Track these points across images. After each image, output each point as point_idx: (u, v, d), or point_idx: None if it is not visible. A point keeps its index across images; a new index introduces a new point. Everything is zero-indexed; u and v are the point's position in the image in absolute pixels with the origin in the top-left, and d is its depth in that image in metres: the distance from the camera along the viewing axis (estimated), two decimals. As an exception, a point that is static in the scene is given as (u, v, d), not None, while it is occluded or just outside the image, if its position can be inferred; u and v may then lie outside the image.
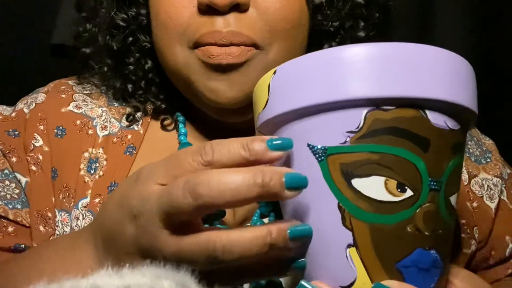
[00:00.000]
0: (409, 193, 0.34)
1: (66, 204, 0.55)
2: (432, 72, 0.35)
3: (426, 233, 0.34)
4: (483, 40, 0.95)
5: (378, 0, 0.62)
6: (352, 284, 0.35)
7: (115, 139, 0.59)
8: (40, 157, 0.57)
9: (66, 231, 0.54)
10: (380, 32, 0.62)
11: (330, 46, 0.60)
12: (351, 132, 0.35)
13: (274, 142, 0.35)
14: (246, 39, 0.51)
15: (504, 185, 0.64)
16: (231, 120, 0.59)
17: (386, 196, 0.34)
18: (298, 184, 0.34)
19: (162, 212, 0.34)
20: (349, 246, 0.35)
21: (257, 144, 0.34)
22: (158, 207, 0.34)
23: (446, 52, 0.36)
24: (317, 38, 0.59)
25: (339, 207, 0.35)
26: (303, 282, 0.35)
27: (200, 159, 0.35)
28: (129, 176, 0.39)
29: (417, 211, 0.34)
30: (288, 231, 0.34)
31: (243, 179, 0.33)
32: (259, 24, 0.52)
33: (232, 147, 0.35)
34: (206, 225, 0.53)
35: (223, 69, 0.52)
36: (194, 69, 0.53)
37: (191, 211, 0.33)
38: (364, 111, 0.34)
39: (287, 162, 0.37)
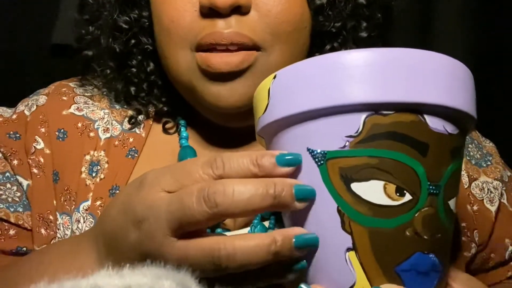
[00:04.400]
0: (408, 197, 0.34)
1: (67, 207, 0.56)
2: (430, 77, 0.35)
3: (425, 237, 0.35)
4: (483, 41, 0.95)
5: (380, 0, 0.62)
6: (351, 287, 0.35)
7: (116, 142, 0.59)
8: (42, 160, 0.57)
9: (67, 234, 0.54)
10: (382, 32, 0.62)
11: (332, 47, 0.60)
12: (350, 136, 0.35)
13: (283, 158, 0.35)
14: (247, 40, 0.51)
15: (504, 188, 0.64)
16: (232, 125, 0.59)
17: (385, 200, 0.34)
18: (307, 196, 0.35)
19: (172, 219, 0.34)
20: (348, 250, 0.35)
21: (266, 160, 0.35)
22: (168, 214, 0.34)
23: (444, 57, 0.36)
24: (319, 39, 0.59)
25: (339, 211, 0.35)
26: (302, 286, 0.36)
27: (211, 172, 0.35)
28: (132, 182, 0.39)
29: (416, 215, 0.34)
30: (294, 240, 0.35)
31: (256, 189, 0.34)
32: (261, 27, 0.52)
33: (242, 162, 0.35)
34: (208, 230, 0.54)
35: (225, 77, 0.52)
36: (197, 75, 0.53)
37: (205, 219, 0.34)
38: (363, 115, 0.35)
39: None
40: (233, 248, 0.34)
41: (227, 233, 0.55)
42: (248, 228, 0.56)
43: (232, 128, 0.60)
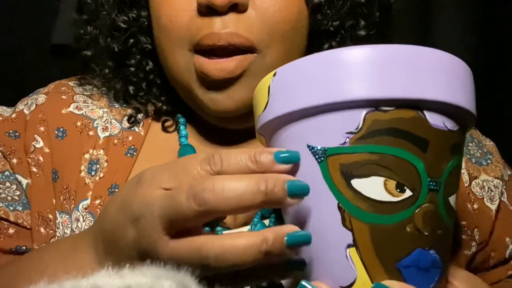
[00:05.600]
0: (408, 193, 0.34)
1: (66, 206, 0.55)
2: (430, 73, 0.35)
3: (426, 233, 0.35)
4: (483, 39, 0.95)
5: None
6: (352, 284, 0.35)
7: (115, 141, 0.59)
8: (41, 158, 0.57)
9: (67, 233, 0.54)
10: (381, 30, 0.62)
11: (330, 45, 0.60)
12: (350, 133, 0.35)
13: (281, 155, 0.35)
14: (244, 40, 0.52)
15: (504, 187, 0.64)
16: (231, 127, 0.59)
17: (385, 196, 0.34)
18: (300, 192, 0.34)
19: (164, 217, 0.34)
20: (349, 246, 0.35)
21: (265, 157, 0.35)
22: (160, 211, 0.34)
23: (444, 54, 0.36)
24: (317, 38, 0.59)
25: (339, 208, 0.35)
26: (303, 282, 0.35)
27: (209, 168, 0.35)
28: (130, 179, 0.39)
29: (416, 211, 0.34)
30: (286, 238, 0.34)
31: (247, 186, 0.33)
32: (258, 26, 0.52)
33: (240, 159, 0.35)
34: (207, 228, 0.54)
35: (220, 84, 0.53)
36: (195, 77, 0.54)
37: (194, 217, 0.33)
38: (363, 112, 0.35)
39: None
40: (222, 247, 0.33)
41: (226, 232, 0.55)
42: (248, 227, 0.56)
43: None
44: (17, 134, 0.59)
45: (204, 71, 0.52)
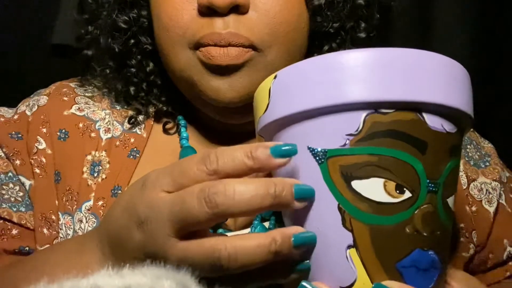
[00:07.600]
0: (407, 194, 0.35)
1: (69, 207, 0.56)
2: (429, 76, 0.35)
3: (425, 234, 0.35)
4: (483, 42, 0.95)
5: (379, 0, 0.62)
6: (352, 284, 0.35)
7: (118, 143, 0.60)
8: (44, 160, 0.57)
9: (69, 234, 0.55)
10: (381, 33, 0.62)
11: (331, 47, 0.60)
12: (350, 135, 0.35)
13: (278, 149, 0.35)
14: (244, 40, 0.52)
15: (502, 189, 0.64)
16: (232, 121, 0.59)
17: (385, 198, 0.35)
18: (306, 195, 0.35)
19: (174, 220, 0.34)
20: (349, 247, 0.35)
21: (261, 152, 0.35)
22: (170, 214, 0.35)
23: (442, 57, 0.36)
24: (317, 39, 0.59)
25: (339, 209, 0.35)
26: (304, 283, 0.36)
27: (205, 168, 0.35)
28: (136, 182, 0.39)
29: (416, 212, 0.35)
30: (292, 239, 0.35)
31: (257, 189, 0.34)
32: (259, 27, 0.52)
33: (236, 156, 0.35)
34: (210, 231, 0.54)
35: (223, 70, 0.52)
36: (196, 70, 0.54)
37: (206, 219, 0.34)
38: (363, 114, 0.35)
39: (288, 165, 0.38)
40: (234, 248, 0.34)
41: (228, 234, 0.55)
42: (249, 229, 0.57)
43: (232, 126, 0.60)
44: (20, 135, 0.59)
45: (209, 55, 0.52)
